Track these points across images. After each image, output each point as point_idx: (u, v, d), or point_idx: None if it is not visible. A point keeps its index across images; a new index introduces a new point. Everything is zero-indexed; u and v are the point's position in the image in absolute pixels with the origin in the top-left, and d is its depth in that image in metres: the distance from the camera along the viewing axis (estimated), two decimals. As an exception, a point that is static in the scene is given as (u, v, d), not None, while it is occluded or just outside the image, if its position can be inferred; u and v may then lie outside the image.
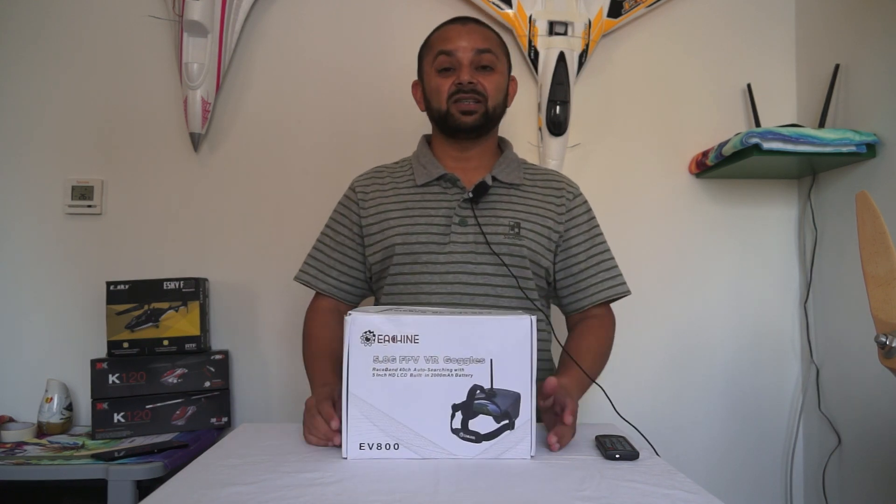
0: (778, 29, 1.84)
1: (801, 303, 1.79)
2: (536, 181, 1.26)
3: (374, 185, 1.26)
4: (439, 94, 1.19)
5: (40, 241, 1.71)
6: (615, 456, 0.87)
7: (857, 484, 1.59)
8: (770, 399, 1.80)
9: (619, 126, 1.81)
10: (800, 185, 1.82)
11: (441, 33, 1.23)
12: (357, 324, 0.84)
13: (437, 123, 1.24)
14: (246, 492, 0.73)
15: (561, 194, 1.25)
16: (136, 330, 1.56)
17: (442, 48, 1.19)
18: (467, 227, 1.17)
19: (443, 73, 1.19)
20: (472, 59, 1.18)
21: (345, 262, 1.25)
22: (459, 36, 1.19)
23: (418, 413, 0.84)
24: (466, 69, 1.17)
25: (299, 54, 1.77)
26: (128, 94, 1.74)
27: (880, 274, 0.89)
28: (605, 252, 1.27)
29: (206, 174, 1.75)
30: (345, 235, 1.25)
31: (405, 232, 1.17)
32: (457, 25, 1.22)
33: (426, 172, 1.22)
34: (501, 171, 1.22)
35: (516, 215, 1.19)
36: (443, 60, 1.19)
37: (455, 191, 1.21)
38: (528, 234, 1.18)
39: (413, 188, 1.22)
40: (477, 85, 1.17)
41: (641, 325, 1.77)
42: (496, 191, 1.21)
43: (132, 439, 1.50)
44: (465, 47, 1.18)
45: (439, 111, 1.20)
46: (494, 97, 1.20)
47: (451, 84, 1.18)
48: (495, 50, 1.21)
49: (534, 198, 1.23)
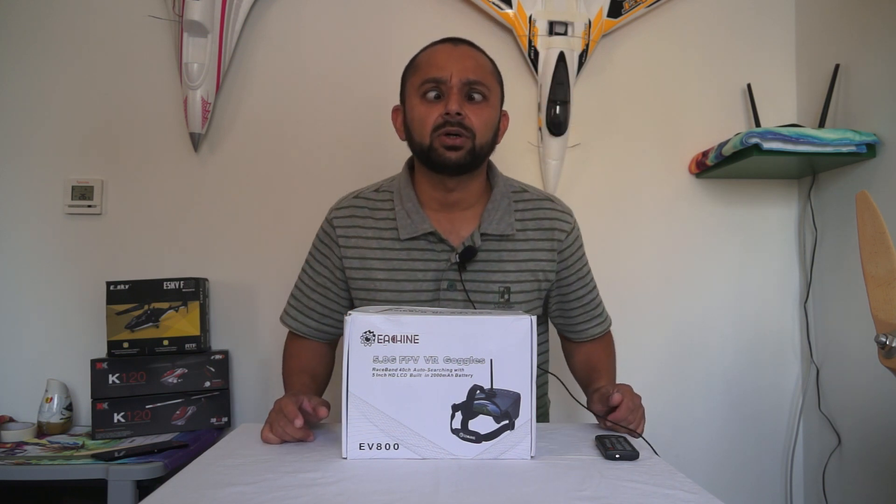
0: (778, 29, 1.84)
1: (801, 303, 1.79)
2: (527, 224, 1.16)
3: (354, 226, 1.15)
4: (423, 125, 1.07)
5: (40, 241, 1.71)
6: (615, 456, 0.87)
7: (857, 484, 1.59)
8: (770, 399, 1.80)
9: (619, 126, 1.81)
10: (800, 185, 1.82)
11: (429, 56, 1.11)
12: (357, 324, 0.84)
13: (418, 157, 1.12)
14: (246, 492, 0.73)
15: (552, 236, 1.17)
16: (136, 330, 1.56)
17: (429, 74, 1.07)
18: (456, 291, 1.12)
19: (428, 101, 1.07)
20: (461, 87, 1.06)
21: (326, 304, 1.20)
22: (449, 61, 1.07)
23: (418, 413, 0.84)
24: (455, 99, 1.05)
25: (299, 54, 1.77)
26: (128, 94, 1.74)
27: (880, 274, 0.89)
28: (593, 290, 1.27)
29: (206, 174, 1.75)
30: (325, 276, 1.19)
31: (393, 299, 1.13)
32: (447, 47, 1.10)
33: (411, 225, 1.11)
34: (491, 222, 1.13)
35: (506, 277, 1.13)
36: (429, 87, 1.07)
37: (442, 247, 1.12)
38: (517, 298, 1.14)
39: (397, 241, 1.13)
40: (465, 118, 1.05)
41: (642, 325, 1.77)
42: (486, 245, 1.12)
43: (132, 439, 1.50)
44: (455, 74, 1.06)
45: (422, 145, 1.08)
46: (483, 133, 1.08)
47: (437, 115, 1.06)
48: (488, 81, 1.10)
49: (525, 249, 1.15)
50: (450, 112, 1.05)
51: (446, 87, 1.06)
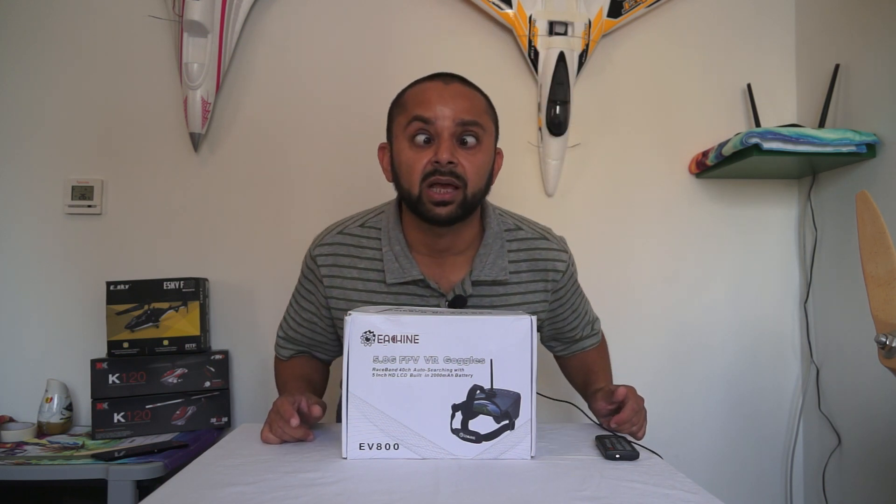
0: (778, 29, 1.84)
1: (801, 303, 1.79)
2: (521, 265, 1.10)
3: (337, 265, 1.09)
4: (411, 172, 0.99)
5: (40, 241, 1.71)
6: (615, 456, 0.87)
7: (857, 484, 1.59)
8: (770, 399, 1.80)
9: (619, 126, 1.81)
10: (800, 185, 1.82)
11: (418, 94, 1.02)
12: (357, 324, 0.84)
13: (407, 204, 1.05)
14: (246, 492, 0.73)
15: (546, 277, 1.12)
16: (136, 330, 1.56)
17: (418, 113, 0.99)
18: None
19: (417, 145, 0.99)
20: (453, 130, 0.98)
21: (314, 337, 1.19)
22: (441, 99, 0.99)
23: (418, 413, 0.84)
24: (446, 145, 0.97)
25: (299, 54, 1.77)
26: (128, 94, 1.74)
27: (880, 274, 0.89)
28: (586, 314, 1.26)
29: (206, 174, 1.74)
30: (311, 312, 1.16)
31: None
32: (438, 84, 1.01)
33: (399, 270, 1.05)
34: (483, 267, 1.07)
35: None
36: (418, 127, 0.99)
37: (430, 293, 1.07)
38: None
39: (383, 285, 1.07)
40: (457, 166, 0.98)
41: (641, 325, 1.77)
42: (477, 290, 1.07)
43: (132, 439, 1.50)
44: (446, 116, 0.98)
45: (410, 193, 1.00)
46: (475, 182, 1.00)
47: (426, 162, 0.98)
48: (482, 120, 1.01)
49: (518, 292, 1.10)
50: (440, 161, 0.97)
51: (436, 130, 0.98)
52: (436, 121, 0.98)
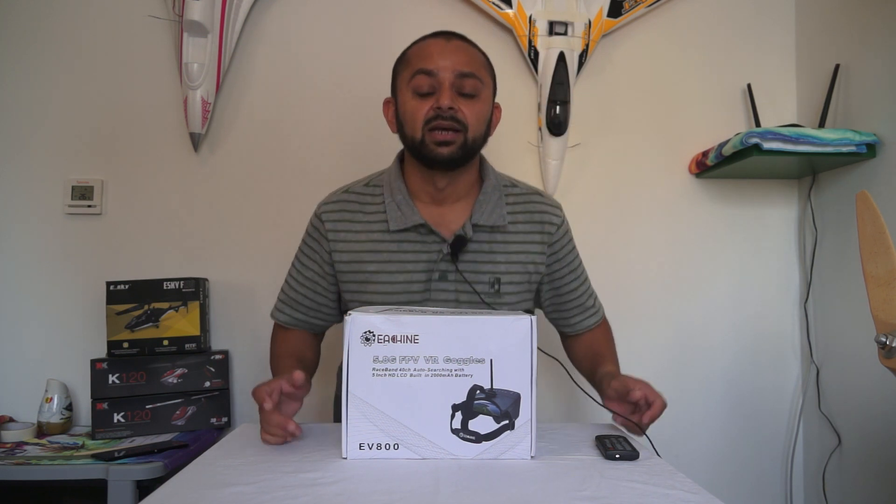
0: (778, 29, 1.84)
1: (801, 303, 1.79)
2: (518, 214, 1.16)
3: (343, 220, 1.15)
4: (414, 119, 1.07)
5: (40, 241, 1.71)
6: (615, 456, 0.87)
7: (857, 484, 1.59)
8: (770, 399, 1.80)
9: (619, 126, 1.81)
10: (800, 185, 1.82)
11: (421, 49, 1.10)
12: (357, 324, 0.84)
13: (410, 151, 1.13)
14: (246, 492, 0.73)
15: (543, 229, 1.17)
16: (136, 330, 1.56)
17: (421, 66, 1.07)
18: (447, 281, 1.12)
19: (420, 95, 1.07)
20: (453, 81, 1.06)
21: (314, 298, 1.20)
22: (442, 54, 1.07)
23: (418, 413, 0.84)
24: (447, 93, 1.06)
25: (299, 54, 1.77)
26: (128, 94, 1.74)
27: (880, 274, 0.89)
28: (585, 282, 1.27)
29: (206, 174, 1.75)
30: (313, 271, 1.18)
31: (384, 291, 1.12)
32: (439, 41, 1.10)
33: (401, 217, 1.11)
34: (482, 213, 1.13)
35: (496, 268, 1.13)
36: (421, 80, 1.07)
37: (433, 239, 1.12)
38: (507, 290, 1.14)
39: (387, 233, 1.12)
40: (457, 112, 1.06)
41: (642, 325, 1.77)
42: (477, 237, 1.13)
43: (132, 439, 1.50)
44: (447, 67, 1.06)
45: (413, 139, 1.08)
46: (475, 127, 1.09)
47: (428, 109, 1.06)
48: (480, 74, 1.10)
49: (516, 241, 1.15)
50: (441, 106, 1.05)
51: (438, 81, 1.06)
52: (437, 72, 1.06)
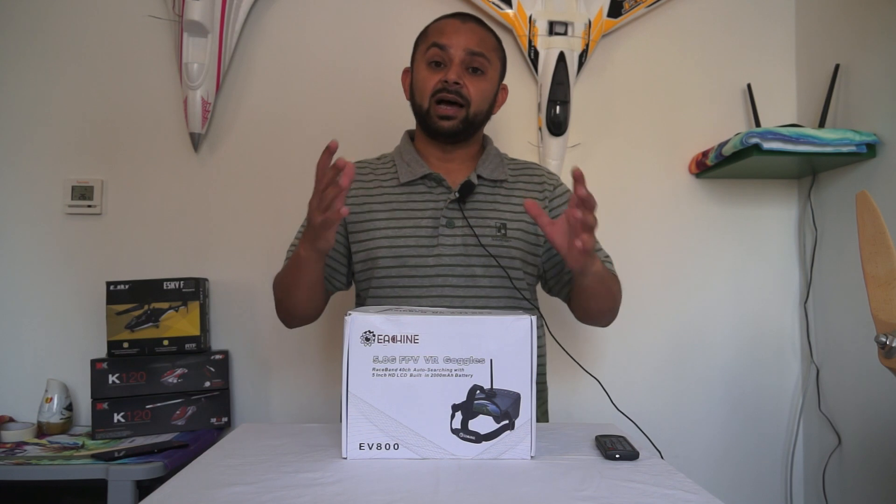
0: (778, 29, 1.84)
1: (801, 303, 1.79)
2: (518, 176, 1.26)
3: (357, 180, 1.23)
4: (424, 88, 1.18)
5: (40, 241, 1.71)
6: (615, 456, 0.87)
7: (857, 484, 1.59)
8: (770, 399, 1.80)
9: (619, 126, 1.81)
10: (800, 185, 1.82)
11: (439, 25, 1.21)
12: (357, 324, 0.84)
13: (417, 119, 1.23)
14: (246, 492, 0.73)
15: (542, 188, 1.25)
16: (136, 330, 1.56)
17: (436, 40, 1.18)
18: (455, 228, 1.16)
19: (432, 66, 1.18)
20: (463, 58, 1.16)
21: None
22: (456, 32, 1.18)
23: (418, 413, 0.84)
24: (455, 68, 1.16)
25: (299, 54, 1.77)
26: (128, 94, 1.74)
27: (880, 274, 0.89)
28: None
29: (206, 174, 1.74)
30: None
31: (392, 235, 1.16)
32: (456, 21, 1.20)
33: (410, 171, 1.20)
34: (485, 169, 1.22)
35: (502, 215, 1.19)
36: (434, 53, 1.17)
37: (440, 190, 1.20)
38: (514, 235, 1.18)
39: (398, 186, 1.21)
40: (462, 87, 1.16)
41: (641, 324, 1.77)
42: (481, 189, 1.20)
43: (132, 439, 1.50)
44: (458, 44, 1.16)
45: (421, 107, 1.19)
46: (478, 104, 1.18)
47: (437, 81, 1.16)
48: (489, 54, 1.19)
49: (517, 194, 1.22)
50: (448, 80, 1.15)
51: (448, 56, 1.16)
52: (449, 48, 1.16)
